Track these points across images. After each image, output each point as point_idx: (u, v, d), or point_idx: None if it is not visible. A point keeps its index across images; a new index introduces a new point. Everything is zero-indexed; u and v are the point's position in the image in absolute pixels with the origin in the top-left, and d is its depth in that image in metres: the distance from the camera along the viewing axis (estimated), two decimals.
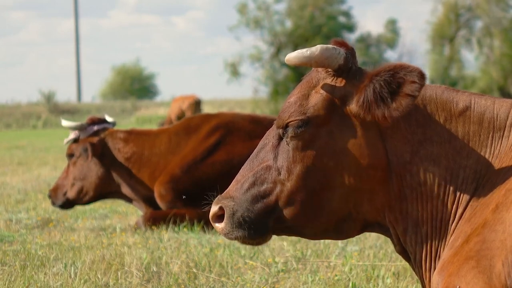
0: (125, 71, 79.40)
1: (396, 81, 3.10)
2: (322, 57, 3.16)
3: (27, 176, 13.44)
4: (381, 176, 3.18)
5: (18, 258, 5.90)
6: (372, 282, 4.99)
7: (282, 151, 3.25)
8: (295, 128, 3.21)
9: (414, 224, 3.20)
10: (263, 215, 3.24)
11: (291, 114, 3.23)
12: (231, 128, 7.81)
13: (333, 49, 3.17)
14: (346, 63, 3.20)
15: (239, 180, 3.30)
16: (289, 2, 44.94)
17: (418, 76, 3.09)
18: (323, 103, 3.22)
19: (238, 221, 3.23)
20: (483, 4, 44.09)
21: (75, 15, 76.97)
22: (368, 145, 3.17)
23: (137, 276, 5.26)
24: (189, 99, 23.35)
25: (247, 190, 3.25)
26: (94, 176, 7.88)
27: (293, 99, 3.27)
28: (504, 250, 2.84)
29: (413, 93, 3.08)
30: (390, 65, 3.14)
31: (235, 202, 3.25)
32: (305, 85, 3.30)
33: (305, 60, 3.18)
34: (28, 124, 45.88)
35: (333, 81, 3.24)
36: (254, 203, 3.24)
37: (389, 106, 3.09)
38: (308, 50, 3.17)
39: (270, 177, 3.25)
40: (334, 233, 3.33)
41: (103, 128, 8.08)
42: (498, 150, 3.16)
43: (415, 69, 3.11)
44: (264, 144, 3.33)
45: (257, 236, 3.26)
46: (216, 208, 3.28)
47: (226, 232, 3.25)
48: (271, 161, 3.26)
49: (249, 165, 3.31)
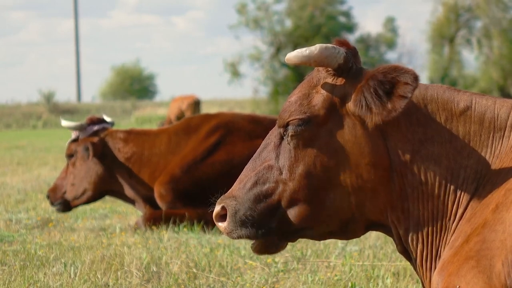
0: (124, 71, 79.40)
1: (390, 83, 3.12)
2: (321, 56, 3.17)
3: (27, 176, 13.45)
4: (383, 175, 3.18)
5: (18, 258, 5.90)
6: (372, 282, 4.99)
7: (284, 150, 3.26)
8: (295, 127, 3.22)
9: (415, 223, 3.21)
10: (265, 214, 3.24)
11: (292, 113, 3.24)
12: (231, 128, 7.81)
13: (333, 49, 3.18)
14: (346, 63, 3.20)
15: (242, 179, 3.31)
16: (289, 2, 44.97)
17: (411, 78, 3.10)
18: (323, 102, 3.23)
19: (240, 219, 3.23)
20: (483, 5, 44.11)
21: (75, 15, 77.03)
22: (368, 144, 3.18)
23: (137, 276, 5.26)
24: (188, 99, 23.35)
25: (249, 189, 3.26)
26: (94, 176, 7.88)
27: (293, 98, 3.29)
28: (504, 250, 2.84)
29: (406, 94, 3.09)
30: (385, 67, 3.16)
31: (237, 201, 3.26)
32: (306, 85, 3.31)
33: (305, 59, 3.19)
34: (28, 124, 45.89)
35: (334, 80, 3.25)
36: (257, 202, 3.25)
37: (383, 107, 3.11)
38: (307, 49, 3.18)
39: (272, 176, 3.25)
40: (340, 233, 3.33)
41: (102, 128, 8.08)
42: (498, 150, 3.17)
43: (408, 70, 3.12)
44: (266, 143, 3.34)
45: (261, 236, 3.25)
46: (219, 208, 3.29)
47: (229, 231, 3.26)
48: (273, 161, 3.27)
49: (252, 165, 3.32)
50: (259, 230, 3.24)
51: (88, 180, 7.88)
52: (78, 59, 77.47)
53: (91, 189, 7.88)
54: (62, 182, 7.99)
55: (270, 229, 3.26)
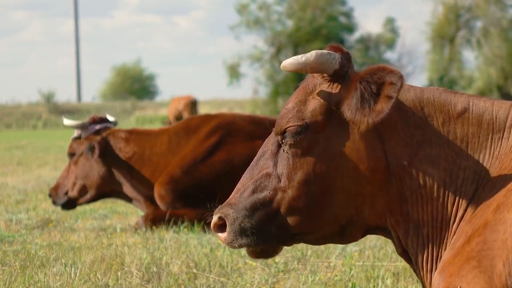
0: (125, 71, 79.41)
1: (377, 83, 3.11)
2: (317, 62, 3.16)
3: (27, 176, 13.45)
4: (381, 179, 3.18)
5: (18, 258, 5.90)
6: (372, 282, 4.99)
7: (282, 158, 3.24)
8: (293, 134, 3.20)
9: (415, 226, 3.20)
10: (265, 222, 3.22)
11: (289, 120, 3.23)
12: (231, 129, 7.81)
13: (328, 55, 3.17)
14: (341, 68, 3.20)
15: (239, 188, 3.29)
16: (290, 3, 44.93)
17: (395, 78, 3.09)
18: (320, 108, 3.22)
19: (240, 228, 3.21)
20: (483, 5, 44.12)
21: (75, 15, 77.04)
22: (366, 149, 3.17)
23: (137, 276, 5.26)
24: (185, 100, 23.41)
25: (247, 198, 3.24)
26: (96, 175, 7.88)
27: (290, 105, 3.27)
28: (505, 250, 2.84)
29: (391, 94, 3.08)
30: (371, 68, 3.16)
31: (235, 210, 3.23)
32: (302, 91, 3.30)
33: (300, 66, 3.18)
34: (28, 124, 45.92)
35: (329, 86, 3.24)
36: (255, 210, 3.22)
37: (371, 109, 3.10)
38: (303, 56, 3.17)
39: (271, 184, 3.24)
40: (339, 238, 3.33)
41: (104, 127, 8.10)
42: (498, 151, 3.17)
43: (393, 70, 3.12)
44: (264, 151, 3.32)
45: (261, 243, 3.24)
46: (216, 218, 3.26)
47: (229, 241, 3.24)
48: (271, 169, 3.25)
49: (249, 173, 3.30)
50: (259, 238, 3.22)
51: (90, 179, 7.89)
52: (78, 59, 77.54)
53: (94, 188, 7.89)
54: (64, 181, 8.00)
55: (269, 236, 3.24)
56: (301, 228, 3.24)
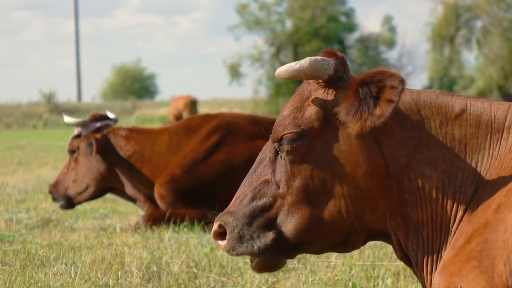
0: (125, 71, 79.41)
1: (377, 87, 3.10)
2: (311, 69, 3.14)
3: (27, 176, 13.46)
4: (380, 183, 3.17)
5: (18, 258, 5.90)
6: (372, 282, 5.00)
7: (280, 164, 3.23)
8: (290, 141, 3.19)
9: (415, 228, 3.19)
10: (264, 229, 3.22)
11: (286, 127, 3.22)
12: (231, 129, 7.81)
13: (322, 61, 3.15)
14: (336, 73, 3.18)
15: (239, 196, 3.28)
16: (289, 2, 44.93)
17: (397, 81, 3.08)
18: (316, 114, 3.21)
19: (239, 236, 3.21)
20: (483, 4, 44.11)
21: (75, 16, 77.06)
22: (364, 153, 3.16)
23: (137, 276, 5.26)
24: (184, 99, 23.44)
25: (247, 205, 3.24)
26: (96, 173, 7.89)
27: (286, 112, 3.26)
28: (506, 250, 2.84)
29: (392, 98, 3.07)
30: (371, 72, 3.15)
31: (234, 218, 3.23)
32: (298, 98, 3.29)
33: (295, 73, 3.16)
34: (29, 124, 45.90)
35: (325, 92, 3.22)
36: (255, 217, 3.22)
37: (371, 113, 3.09)
38: (297, 63, 3.15)
39: (269, 191, 3.23)
40: (340, 246, 3.31)
41: (105, 124, 8.09)
42: (497, 151, 3.16)
43: (394, 74, 3.11)
44: (262, 158, 3.32)
45: (261, 251, 3.22)
46: (217, 226, 3.26)
47: (229, 249, 3.23)
48: (270, 176, 3.25)
49: (248, 181, 3.30)
50: (259, 245, 3.21)
51: (90, 176, 7.89)
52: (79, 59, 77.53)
53: (93, 185, 7.89)
54: (64, 178, 8.00)
55: (269, 244, 3.23)
56: (301, 236, 3.22)
